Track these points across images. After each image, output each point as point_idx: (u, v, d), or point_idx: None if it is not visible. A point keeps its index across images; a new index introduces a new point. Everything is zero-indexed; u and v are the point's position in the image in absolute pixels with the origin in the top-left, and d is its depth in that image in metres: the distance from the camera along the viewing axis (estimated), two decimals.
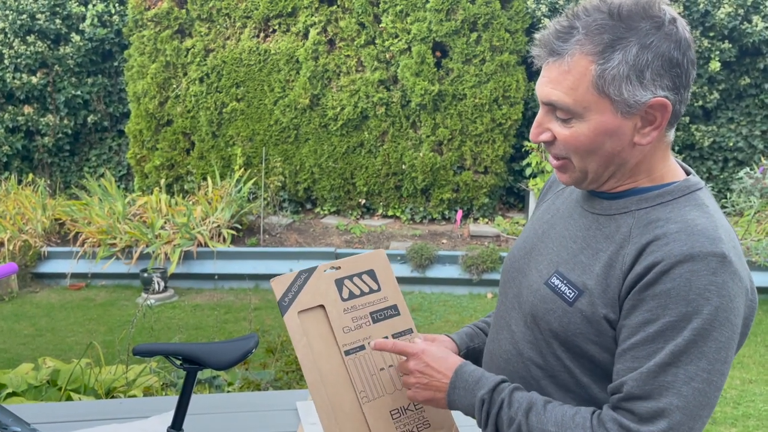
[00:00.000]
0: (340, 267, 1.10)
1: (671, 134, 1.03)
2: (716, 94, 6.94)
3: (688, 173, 1.06)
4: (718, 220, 0.97)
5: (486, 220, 7.18)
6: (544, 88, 0.99)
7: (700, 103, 6.99)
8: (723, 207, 6.80)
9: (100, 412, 2.22)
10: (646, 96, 0.94)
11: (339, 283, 1.10)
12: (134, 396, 2.96)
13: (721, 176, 7.25)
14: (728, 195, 6.84)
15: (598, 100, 0.95)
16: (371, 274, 1.12)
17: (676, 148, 7.17)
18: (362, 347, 1.09)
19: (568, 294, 1.00)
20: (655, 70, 0.93)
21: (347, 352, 1.07)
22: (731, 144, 7.11)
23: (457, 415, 1.18)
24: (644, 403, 0.90)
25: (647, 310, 0.92)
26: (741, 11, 6.65)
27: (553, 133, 1.00)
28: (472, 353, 1.26)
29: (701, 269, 0.90)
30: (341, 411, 1.05)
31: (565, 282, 1.01)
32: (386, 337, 1.12)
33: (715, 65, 6.70)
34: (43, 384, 3.07)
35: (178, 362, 1.51)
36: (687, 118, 7.08)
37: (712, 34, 6.77)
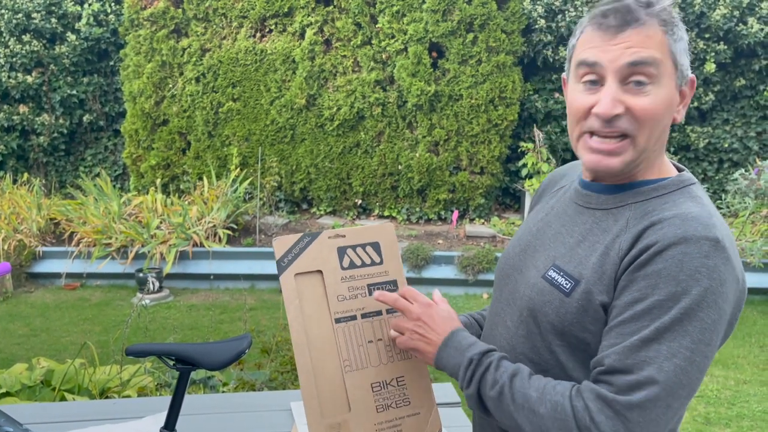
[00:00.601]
0: (345, 235, 1.10)
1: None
2: (711, 96, 6.96)
3: (680, 170, 1.09)
4: (712, 211, 1.00)
5: (482, 220, 7.19)
6: (626, 51, 0.97)
7: (696, 104, 7.00)
8: (718, 208, 6.81)
9: (94, 412, 2.21)
10: (689, 71, 1.02)
11: (341, 252, 1.09)
12: (128, 396, 2.96)
13: (716, 177, 7.27)
14: (723, 196, 6.86)
15: (670, 66, 0.99)
16: (375, 246, 1.11)
17: (671, 149, 7.19)
18: (354, 317, 1.08)
19: (564, 285, 1.02)
20: (687, 50, 1.02)
21: (338, 320, 1.06)
22: (726, 145, 7.13)
23: (445, 415, 1.18)
24: (624, 377, 0.91)
25: (637, 290, 0.94)
26: (736, 13, 6.67)
27: (626, 105, 0.98)
28: None
29: (694, 251, 0.91)
30: (322, 376, 1.04)
31: (561, 274, 1.03)
32: (380, 312, 1.11)
33: (710, 67, 6.72)
34: (36, 384, 3.06)
35: (172, 362, 1.51)
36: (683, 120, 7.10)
37: (707, 35, 6.79)
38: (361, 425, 1.04)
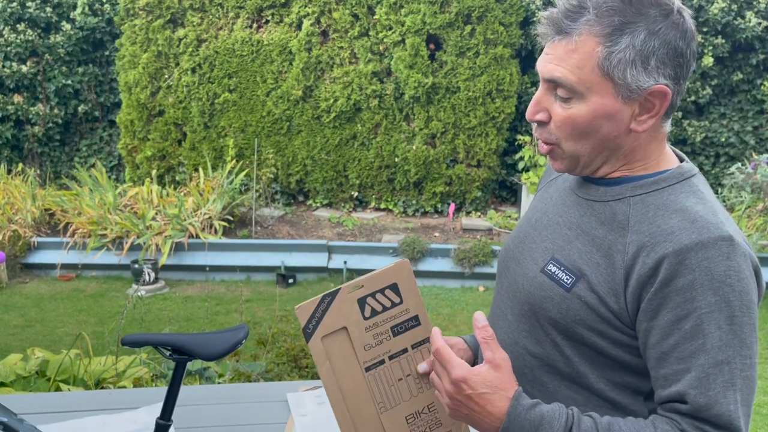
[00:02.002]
0: (363, 285, 1.11)
1: (667, 126, 1.02)
2: (709, 90, 6.96)
3: (682, 160, 1.06)
4: (714, 205, 0.98)
5: (478, 213, 7.18)
6: (548, 65, 0.97)
7: (693, 98, 7.00)
8: None
9: (89, 402, 2.21)
10: (648, 82, 0.94)
11: (361, 302, 1.10)
12: (124, 387, 2.95)
13: (713, 171, 7.28)
14: (719, 190, 6.87)
15: (601, 81, 0.95)
16: (394, 288, 1.12)
17: (668, 143, 7.19)
18: (382, 361, 1.11)
19: (565, 280, 1.00)
20: (660, 57, 0.94)
21: (368, 369, 1.10)
22: (723, 139, 7.13)
23: None
24: (713, 409, 0.91)
25: (675, 306, 0.92)
26: (734, 7, 6.66)
27: (550, 113, 0.99)
28: None
29: (715, 255, 0.90)
30: (360, 422, 1.09)
31: (562, 268, 1.01)
32: (406, 350, 1.12)
33: (708, 60, 6.71)
34: (31, 374, 3.05)
35: (168, 353, 1.50)
36: (679, 113, 7.09)
37: (705, 29, 6.78)
38: None
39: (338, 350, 1.09)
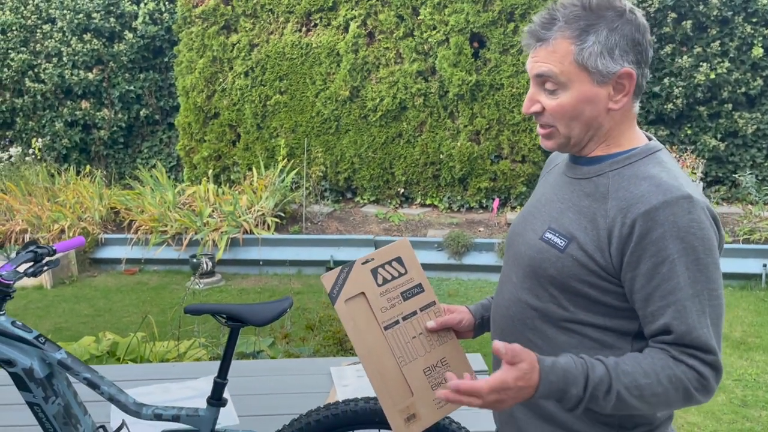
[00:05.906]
0: (373, 258, 1.33)
1: (636, 107, 1.25)
2: (760, 81, 6.83)
3: (650, 140, 1.28)
4: (676, 172, 1.19)
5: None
6: (535, 65, 1.22)
7: (743, 89, 6.89)
8: (765, 196, 6.70)
9: (155, 373, 2.46)
10: (615, 67, 1.18)
11: (374, 272, 1.32)
12: None
13: (765, 164, 7.14)
14: None
15: (578, 72, 1.18)
16: (399, 260, 1.35)
17: (719, 135, 7.09)
18: (397, 322, 1.31)
19: (559, 243, 1.22)
20: (622, 47, 1.18)
21: (386, 327, 1.30)
22: None
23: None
24: (692, 334, 1.12)
25: (652, 255, 1.12)
26: None
27: (543, 104, 1.22)
28: (486, 322, 1.47)
29: (678, 211, 1.12)
30: (386, 374, 1.28)
31: (556, 235, 1.23)
32: (415, 312, 1.34)
33: (758, 51, 6.60)
34: (103, 354, 3.36)
35: (223, 320, 1.72)
36: (730, 105, 6.99)
37: (754, 19, 6.67)
38: (424, 403, 1.28)
39: (360, 312, 1.30)
